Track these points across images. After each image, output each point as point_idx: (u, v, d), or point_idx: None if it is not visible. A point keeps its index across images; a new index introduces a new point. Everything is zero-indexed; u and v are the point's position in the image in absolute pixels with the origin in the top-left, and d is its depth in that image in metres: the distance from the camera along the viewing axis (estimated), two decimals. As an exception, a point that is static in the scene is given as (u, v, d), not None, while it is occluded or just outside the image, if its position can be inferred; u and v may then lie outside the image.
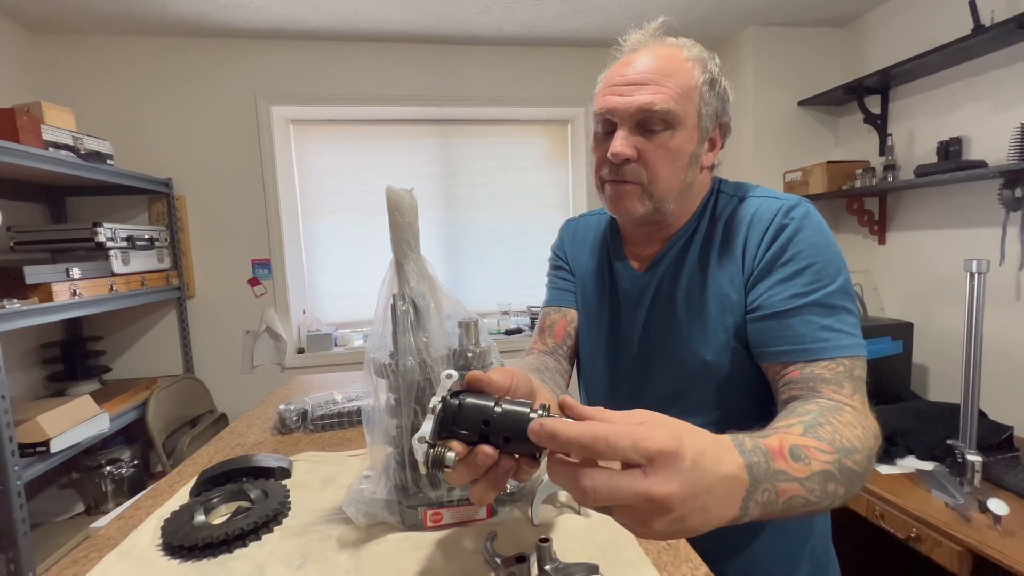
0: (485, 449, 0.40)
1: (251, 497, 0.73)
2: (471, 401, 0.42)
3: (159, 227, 2.33)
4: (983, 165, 1.82)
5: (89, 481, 2.01)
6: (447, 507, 0.66)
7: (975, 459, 1.42)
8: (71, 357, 2.17)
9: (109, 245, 1.95)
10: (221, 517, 0.70)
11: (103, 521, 0.97)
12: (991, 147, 1.88)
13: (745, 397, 0.74)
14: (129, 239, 2.07)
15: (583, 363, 0.93)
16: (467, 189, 2.84)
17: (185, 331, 2.46)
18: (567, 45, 2.66)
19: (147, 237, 2.19)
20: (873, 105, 2.32)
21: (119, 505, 1.82)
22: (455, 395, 0.42)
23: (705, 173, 0.78)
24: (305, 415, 1.09)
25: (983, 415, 1.69)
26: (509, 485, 0.70)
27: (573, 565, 0.53)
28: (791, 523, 0.78)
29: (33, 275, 1.58)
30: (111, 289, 1.92)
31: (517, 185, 2.88)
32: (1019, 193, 1.73)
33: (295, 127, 2.67)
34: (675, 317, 0.77)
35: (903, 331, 2.04)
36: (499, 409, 0.41)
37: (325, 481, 0.82)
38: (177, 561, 0.62)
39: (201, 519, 0.67)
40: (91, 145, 1.92)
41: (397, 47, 2.54)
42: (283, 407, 1.09)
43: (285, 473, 0.83)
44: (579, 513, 0.68)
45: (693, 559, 0.59)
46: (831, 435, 0.51)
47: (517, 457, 0.41)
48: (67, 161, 1.76)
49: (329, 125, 2.70)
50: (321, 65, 2.49)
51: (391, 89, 2.56)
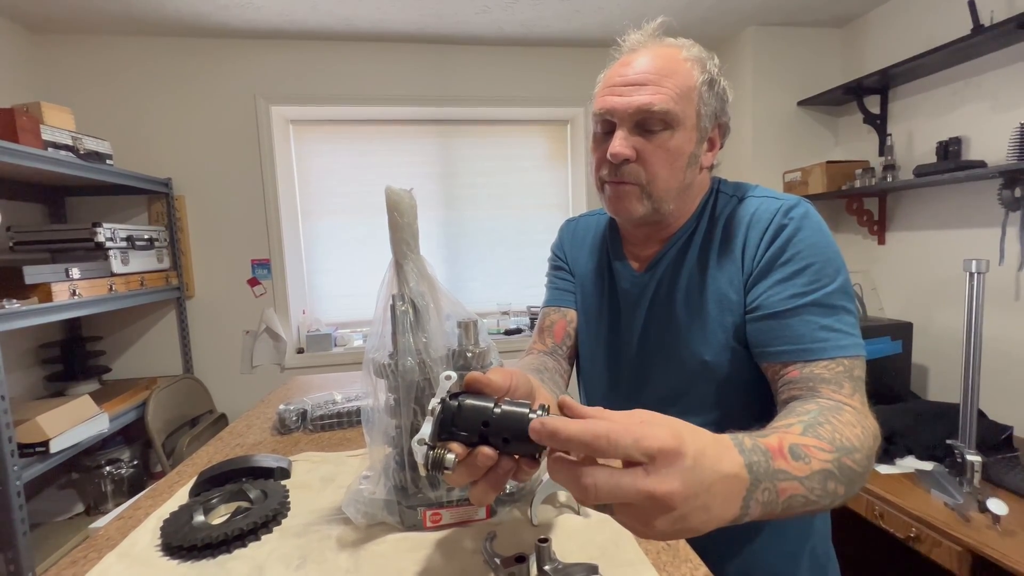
0: (484, 450, 0.40)
1: (250, 497, 0.73)
2: (470, 402, 0.42)
3: (159, 227, 2.33)
4: (982, 165, 1.82)
5: (89, 481, 2.01)
6: (446, 507, 0.66)
7: (974, 459, 1.42)
8: (70, 357, 2.17)
9: (109, 245, 1.95)
10: (220, 517, 0.70)
11: (102, 521, 0.98)
12: (990, 147, 1.88)
13: (744, 397, 0.74)
14: (129, 239, 2.07)
15: (582, 363, 0.93)
16: (467, 189, 2.84)
17: (185, 331, 2.46)
18: (567, 45, 2.66)
19: (147, 237, 2.19)
20: (873, 105, 2.32)
21: (119, 505, 1.82)
22: (454, 396, 0.42)
23: (704, 173, 0.78)
24: (304, 415, 1.09)
25: (982, 415, 1.69)
26: (509, 486, 0.70)
27: (572, 565, 0.53)
28: (791, 523, 0.78)
29: (33, 275, 1.58)
30: (110, 289, 1.92)
31: (517, 185, 2.88)
32: (1018, 193, 1.74)
33: (295, 127, 2.67)
34: (674, 317, 0.77)
35: (902, 331, 2.05)
36: (498, 410, 0.41)
37: (324, 481, 0.82)
38: (176, 561, 0.62)
39: (200, 519, 0.67)
40: (90, 145, 1.92)
41: (397, 47, 2.54)
42: (282, 407, 1.09)
43: (284, 473, 0.83)
44: (578, 513, 0.68)
45: (692, 559, 0.59)
46: (831, 434, 0.51)
47: (517, 458, 0.41)
48: (66, 161, 1.76)
49: (329, 125, 2.70)
50: (321, 65, 2.49)
51: (391, 89, 2.56)
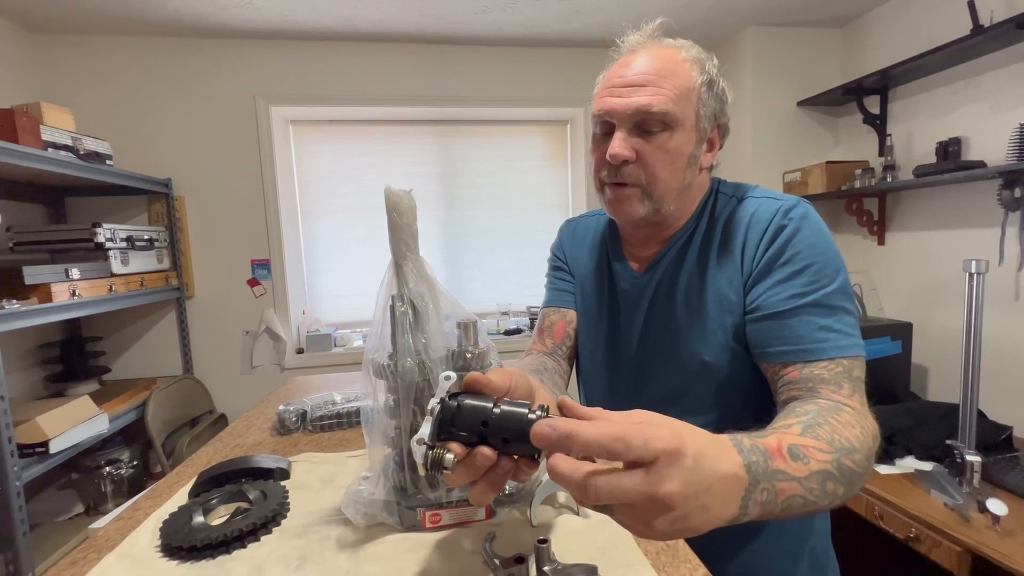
0: (484, 450, 0.40)
1: (250, 498, 0.73)
2: (470, 402, 0.42)
3: (158, 227, 2.33)
4: (982, 165, 1.82)
5: (88, 482, 2.01)
6: (446, 508, 0.66)
7: (974, 459, 1.42)
8: (70, 357, 2.17)
9: (108, 245, 1.95)
10: (220, 518, 0.70)
11: (102, 522, 0.98)
12: (990, 147, 1.88)
13: (744, 397, 0.74)
14: (128, 239, 2.07)
15: (582, 364, 0.93)
16: (467, 189, 2.84)
17: (184, 331, 2.46)
18: (567, 45, 2.66)
19: (146, 237, 2.19)
20: (872, 105, 2.32)
21: (118, 506, 1.82)
22: (453, 396, 0.42)
23: (704, 174, 0.78)
24: (304, 416, 1.09)
25: (982, 415, 1.69)
26: (508, 486, 0.70)
27: (572, 566, 0.53)
28: (790, 523, 0.78)
29: (32, 275, 1.58)
30: (110, 289, 1.92)
31: (517, 185, 2.88)
32: (1018, 193, 1.74)
33: (295, 127, 2.67)
34: (674, 318, 0.77)
35: (902, 331, 2.05)
36: (498, 410, 0.41)
37: (324, 482, 0.82)
38: (176, 562, 0.62)
39: (200, 520, 0.67)
40: (90, 145, 1.92)
41: (397, 47, 2.54)
42: (282, 408, 1.09)
43: (284, 474, 0.83)
44: (578, 514, 0.68)
45: (692, 560, 0.59)
46: (830, 435, 0.51)
47: (516, 458, 0.41)
48: (66, 161, 1.76)
49: (329, 125, 2.70)
50: (321, 65, 2.49)
51: (391, 89, 2.56)
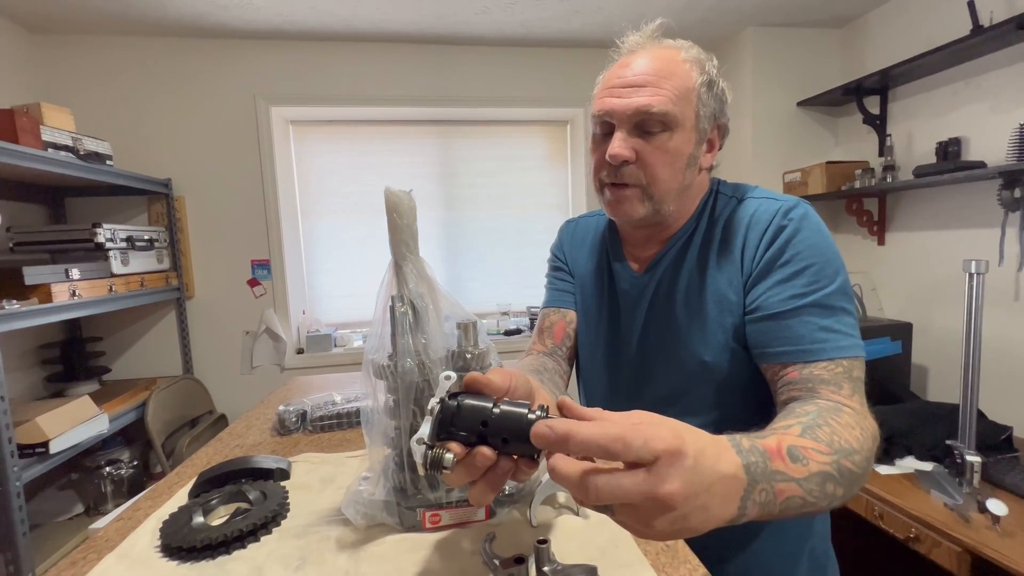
0: (483, 450, 0.40)
1: (250, 498, 0.73)
2: (469, 402, 0.42)
3: (158, 228, 2.33)
4: (982, 166, 1.82)
5: (88, 482, 2.01)
6: (446, 508, 0.66)
7: (974, 459, 1.42)
8: (70, 358, 2.17)
9: (108, 246, 1.95)
10: (220, 519, 0.70)
11: (102, 522, 0.98)
12: (990, 148, 1.88)
13: (744, 398, 0.74)
14: (128, 240, 2.07)
15: (582, 364, 0.93)
16: (467, 189, 2.84)
17: (184, 332, 2.46)
18: (567, 46, 2.66)
19: (146, 238, 2.19)
20: (872, 106, 2.32)
21: (118, 506, 1.82)
22: (453, 396, 0.42)
23: (704, 174, 0.78)
24: (304, 416, 1.09)
25: (982, 415, 1.69)
26: (508, 486, 0.71)
27: (572, 567, 0.53)
28: (790, 524, 0.78)
29: (32, 276, 1.58)
30: (110, 290, 1.92)
31: (517, 185, 2.88)
32: (1018, 194, 1.74)
33: (295, 127, 2.67)
34: (674, 318, 0.77)
35: (902, 331, 2.05)
36: (497, 410, 0.41)
37: (324, 482, 0.82)
38: (176, 563, 0.62)
39: (200, 521, 0.67)
40: (90, 146, 1.92)
41: (397, 47, 2.54)
42: (282, 408, 1.09)
43: (284, 474, 0.83)
44: (578, 514, 0.68)
45: (691, 560, 0.59)
46: (829, 436, 0.51)
47: (515, 458, 0.41)
48: (66, 162, 1.76)
49: (329, 126, 2.70)
50: (321, 66, 2.49)
51: (391, 89, 2.56)
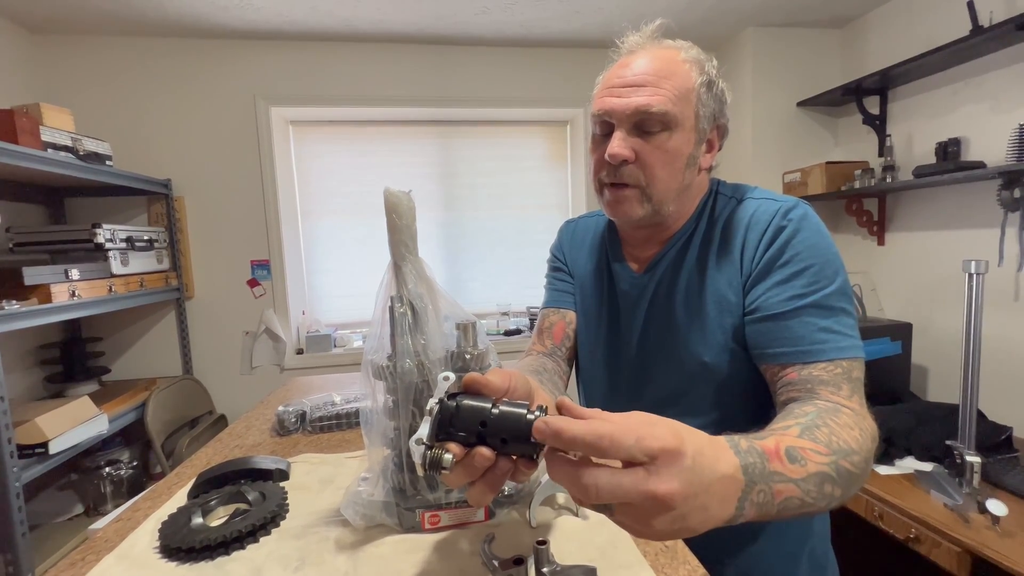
0: (482, 451, 0.40)
1: (249, 499, 0.73)
2: (468, 403, 0.42)
3: (158, 228, 2.33)
4: (982, 166, 1.82)
5: (88, 482, 2.01)
6: (445, 509, 0.66)
7: (974, 460, 1.42)
8: (70, 358, 2.17)
9: (108, 246, 1.95)
10: (219, 519, 0.70)
11: (102, 523, 0.98)
12: (990, 148, 1.88)
13: (744, 398, 0.74)
14: (128, 240, 2.07)
15: (582, 365, 0.93)
16: (467, 190, 2.84)
17: (184, 332, 2.46)
18: (567, 46, 2.66)
19: (146, 238, 2.19)
20: (872, 106, 2.32)
21: (118, 506, 1.82)
22: (452, 397, 0.42)
23: (703, 175, 0.77)
24: (303, 417, 1.09)
25: (982, 416, 1.68)
26: (507, 487, 0.70)
27: (571, 567, 0.53)
28: (790, 524, 0.78)
29: (32, 276, 1.58)
30: (110, 290, 1.92)
31: (517, 185, 2.88)
32: (1017, 194, 1.73)
33: (294, 128, 2.67)
34: (674, 318, 0.77)
35: (902, 332, 2.04)
36: (496, 411, 0.41)
37: (323, 483, 0.82)
38: (175, 564, 0.62)
39: (199, 521, 0.67)
40: (90, 146, 1.92)
41: (396, 48, 2.54)
42: (281, 409, 1.09)
43: (283, 475, 0.83)
44: (577, 515, 0.68)
45: (691, 561, 0.59)
46: (828, 437, 0.51)
47: (514, 458, 0.41)
48: (66, 162, 1.76)
49: (329, 126, 2.70)
50: (320, 66, 2.49)
51: (391, 90, 2.56)
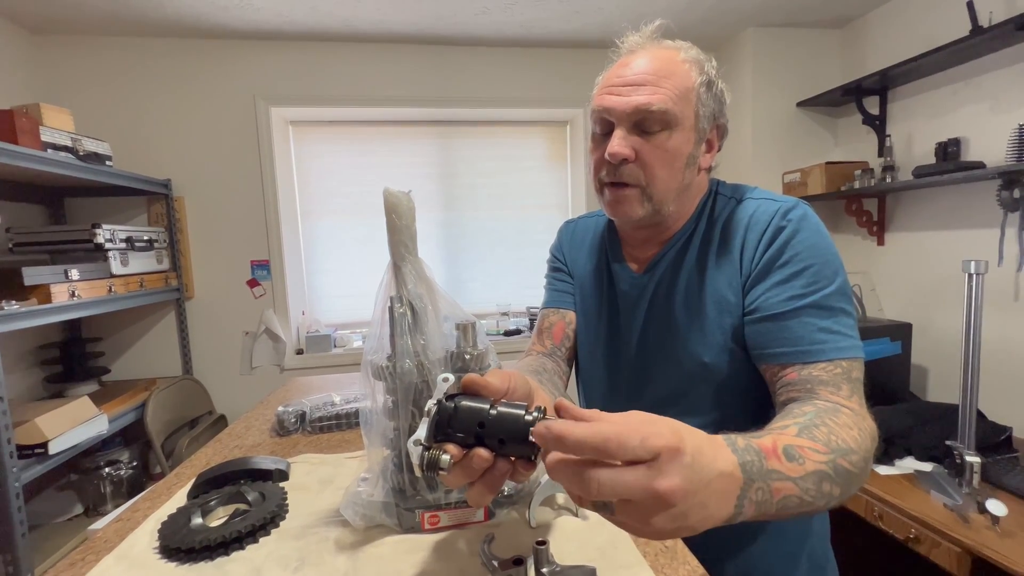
0: (480, 452, 0.40)
1: (248, 499, 0.73)
2: (466, 404, 0.42)
3: (158, 228, 2.33)
4: (981, 166, 1.82)
5: (88, 483, 2.01)
6: (444, 509, 0.66)
7: (974, 460, 1.42)
8: (70, 358, 2.17)
9: (108, 246, 1.95)
10: (218, 520, 0.70)
11: (101, 523, 0.98)
12: (989, 148, 1.88)
13: (743, 399, 0.74)
14: (128, 240, 2.07)
15: (582, 365, 0.93)
16: (467, 190, 2.84)
17: (184, 332, 2.46)
18: (566, 46, 2.66)
19: (146, 238, 2.19)
20: (872, 106, 2.32)
21: (118, 507, 1.82)
22: (451, 398, 0.42)
23: (703, 175, 0.77)
24: (303, 417, 1.09)
25: (982, 416, 1.68)
26: (507, 487, 0.70)
27: (570, 568, 0.53)
28: (789, 524, 0.78)
29: (32, 276, 1.58)
30: (110, 290, 1.92)
31: (517, 186, 2.88)
32: (1017, 194, 1.73)
33: (294, 128, 2.67)
34: (673, 319, 0.77)
35: (902, 332, 2.04)
36: (494, 412, 0.41)
37: (323, 483, 0.82)
38: (174, 564, 0.62)
39: (198, 522, 0.67)
40: (90, 146, 1.92)
41: (396, 48, 2.54)
42: (281, 409, 1.09)
43: (283, 475, 0.83)
44: (576, 515, 0.68)
45: (690, 561, 0.59)
46: (826, 436, 0.51)
47: (512, 459, 0.41)
48: (66, 162, 1.76)
49: (329, 126, 2.70)
50: (320, 66, 2.49)
51: (391, 90, 2.56)
